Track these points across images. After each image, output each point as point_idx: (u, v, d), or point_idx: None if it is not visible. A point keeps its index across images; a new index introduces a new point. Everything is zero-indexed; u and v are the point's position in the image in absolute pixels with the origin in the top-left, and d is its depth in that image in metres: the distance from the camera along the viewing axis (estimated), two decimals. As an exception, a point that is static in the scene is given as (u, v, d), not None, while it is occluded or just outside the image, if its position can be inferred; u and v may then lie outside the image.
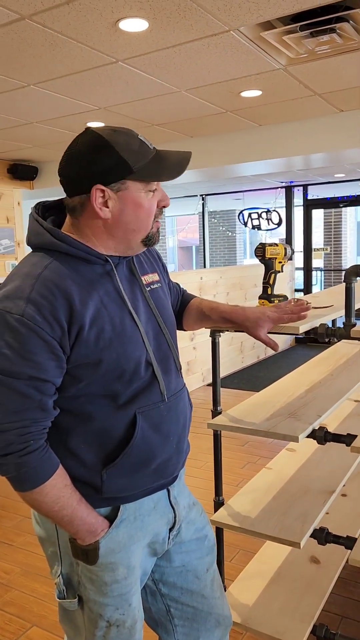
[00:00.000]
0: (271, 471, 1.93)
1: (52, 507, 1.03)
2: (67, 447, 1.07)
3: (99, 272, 1.07)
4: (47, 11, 2.27)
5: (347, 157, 4.77)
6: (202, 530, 1.29)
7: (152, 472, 1.12)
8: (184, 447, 1.20)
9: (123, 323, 1.06)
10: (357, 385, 1.83)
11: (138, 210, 1.05)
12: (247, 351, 6.38)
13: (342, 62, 3.05)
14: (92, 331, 1.01)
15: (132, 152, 1.02)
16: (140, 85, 3.33)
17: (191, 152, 1.11)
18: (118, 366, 1.05)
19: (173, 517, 1.21)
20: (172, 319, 1.23)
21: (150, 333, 1.12)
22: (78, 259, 1.05)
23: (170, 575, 1.25)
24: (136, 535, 1.13)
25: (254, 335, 1.34)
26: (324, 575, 1.87)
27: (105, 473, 1.07)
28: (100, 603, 1.11)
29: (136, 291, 1.13)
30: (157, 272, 1.24)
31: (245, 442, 3.82)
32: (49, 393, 1.01)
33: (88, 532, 1.07)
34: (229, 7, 2.29)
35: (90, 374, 1.03)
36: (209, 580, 1.28)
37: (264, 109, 4.01)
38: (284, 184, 7.67)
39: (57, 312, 0.98)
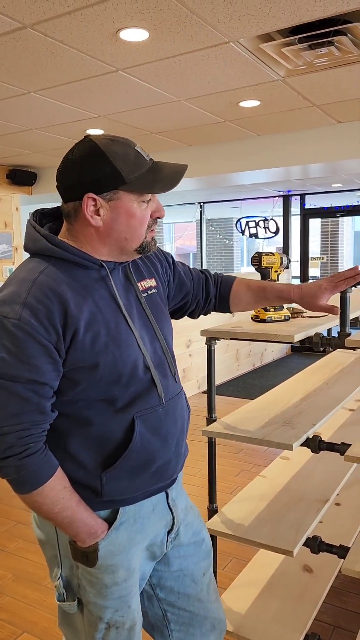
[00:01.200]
0: (265, 479, 1.93)
1: (52, 509, 1.04)
2: (66, 451, 1.08)
3: (94, 277, 1.09)
4: (49, 20, 2.29)
5: (345, 167, 4.81)
6: (199, 534, 1.30)
7: (151, 474, 1.13)
8: (182, 450, 1.21)
9: (118, 327, 1.07)
10: (351, 394, 1.84)
11: (130, 220, 1.06)
12: (243, 359, 6.39)
13: (340, 75, 3.09)
14: (87, 335, 1.03)
15: (127, 163, 1.03)
16: (140, 94, 3.36)
17: (187, 166, 1.12)
18: (115, 370, 1.06)
19: (171, 519, 1.22)
20: (168, 324, 1.24)
21: (145, 338, 1.14)
22: (73, 264, 1.07)
23: (168, 580, 1.26)
24: (136, 537, 1.14)
25: (313, 309, 1.33)
26: (316, 584, 1.87)
27: (105, 476, 1.08)
28: (100, 605, 1.11)
29: (131, 297, 1.15)
30: (154, 277, 1.25)
31: (239, 450, 3.82)
32: (47, 396, 1.02)
33: (88, 534, 1.08)
34: (228, 19, 2.32)
35: (87, 377, 1.04)
36: (205, 584, 1.29)
37: (263, 119, 4.05)
38: (282, 193, 7.72)
39: (52, 316, 0.99)
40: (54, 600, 2.23)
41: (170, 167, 1.09)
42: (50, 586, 2.32)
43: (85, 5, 2.17)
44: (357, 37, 2.56)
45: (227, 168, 4.88)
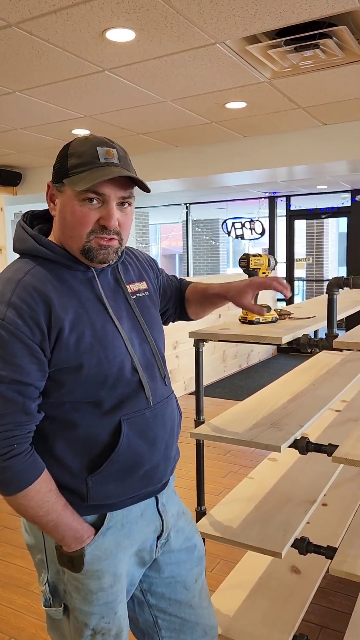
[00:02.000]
0: (253, 481, 1.93)
1: (37, 512, 1.03)
2: (52, 454, 1.07)
3: (81, 278, 1.09)
4: (34, 19, 2.27)
5: (330, 169, 4.85)
6: (191, 540, 1.29)
7: (139, 479, 1.12)
8: (172, 454, 1.20)
9: (104, 329, 1.07)
10: (338, 395, 1.85)
11: (70, 216, 1.05)
12: (230, 360, 6.40)
13: (325, 77, 3.11)
14: (72, 335, 1.02)
15: (79, 159, 1.04)
16: (126, 95, 3.35)
17: (134, 175, 1.07)
18: (100, 371, 1.05)
19: (160, 524, 1.21)
20: (159, 327, 1.24)
21: (134, 340, 1.13)
22: (60, 265, 1.07)
23: (159, 586, 1.25)
24: (123, 543, 1.13)
25: (238, 303, 1.32)
26: (304, 585, 1.87)
27: (91, 480, 1.07)
28: (85, 612, 1.10)
29: (119, 299, 1.14)
30: (145, 280, 1.24)
31: (226, 451, 3.83)
32: (32, 396, 1.01)
33: (74, 539, 1.06)
34: (215, 20, 2.32)
35: (72, 379, 1.04)
36: (197, 590, 1.28)
37: (249, 121, 4.06)
38: (267, 195, 7.75)
39: (37, 316, 0.99)
40: (41, 605, 2.21)
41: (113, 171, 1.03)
42: (38, 591, 2.30)
43: (71, 4, 2.15)
44: (343, 40, 2.58)
45: (213, 169, 4.89)
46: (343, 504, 2.19)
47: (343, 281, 1.51)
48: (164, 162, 5.08)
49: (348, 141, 4.25)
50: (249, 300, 1.31)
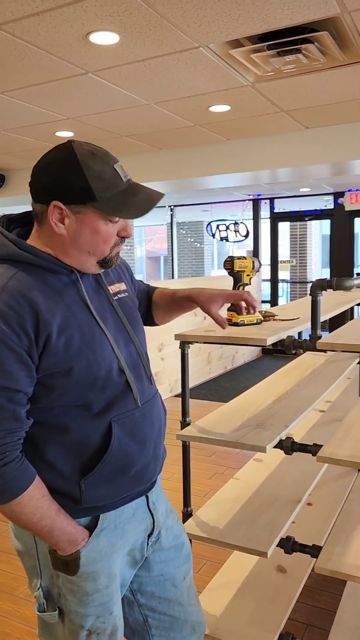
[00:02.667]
0: (239, 481, 1.94)
1: (31, 519, 1.02)
2: (43, 459, 1.06)
3: (65, 281, 1.08)
4: (17, 21, 2.27)
5: (312, 172, 4.91)
6: (179, 538, 1.31)
7: (130, 479, 1.13)
8: (160, 452, 1.21)
9: (92, 331, 1.07)
10: (322, 395, 1.87)
11: (95, 236, 1.05)
12: (215, 362, 6.42)
13: (307, 81, 3.15)
14: (60, 339, 1.02)
15: (101, 181, 1.02)
16: (110, 97, 3.35)
17: (163, 195, 1.10)
18: (89, 374, 1.05)
19: (151, 522, 1.22)
20: (141, 327, 1.25)
21: (120, 341, 1.13)
22: (44, 269, 1.06)
23: (149, 585, 1.26)
24: (117, 543, 1.14)
25: (205, 309, 1.34)
26: (290, 584, 1.89)
27: (84, 483, 1.07)
28: (81, 614, 1.10)
29: (103, 301, 1.14)
30: (124, 281, 1.25)
31: (212, 453, 3.84)
32: (21, 403, 1.01)
33: (68, 542, 1.06)
34: (198, 24, 2.34)
35: (62, 383, 1.03)
36: (185, 588, 1.30)
37: (232, 124, 4.09)
38: (251, 197, 7.81)
39: (24, 322, 0.98)
40: (27, 610, 2.19)
41: (145, 193, 1.07)
42: (23, 597, 2.28)
43: (54, 6, 2.15)
44: (324, 45, 2.62)
45: (197, 172, 4.91)
46: (328, 503, 2.22)
47: (326, 283, 1.53)
48: (148, 165, 5.08)
49: (330, 144, 4.30)
50: (217, 310, 1.34)
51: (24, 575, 2.41)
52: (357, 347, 1.48)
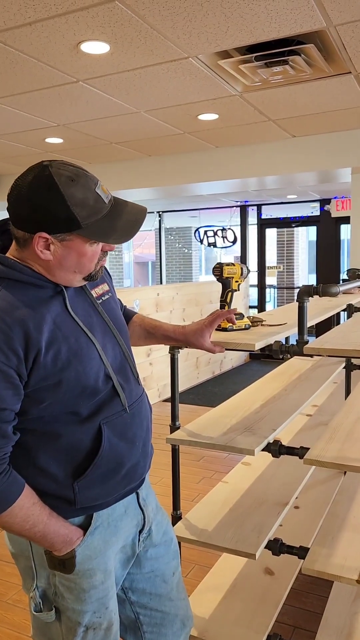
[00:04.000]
0: (227, 485, 1.97)
1: (24, 527, 1.04)
2: (36, 466, 1.08)
3: (50, 294, 1.08)
4: (9, 30, 2.29)
5: (299, 179, 4.98)
6: (168, 534, 1.34)
7: (122, 478, 1.15)
8: (149, 450, 1.24)
9: (78, 342, 1.07)
10: (309, 399, 1.91)
11: (81, 258, 1.06)
12: (203, 367, 6.45)
13: (294, 92, 3.21)
14: (49, 354, 1.02)
15: (85, 208, 1.01)
16: (101, 105, 3.38)
17: (146, 210, 1.11)
18: (78, 384, 1.06)
19: (142, 518, 1.25)
20: (125, 328, 1.26)
21: (107, 346, 1.15)
22: (27, 285, 1.06)
23: (140, 582, 1.28)
24: (110, 540, 1.16)
25: (198, 346, 1.42)
26: (278, 586, 1.91)
27: (77, 485, 1.09)
28: (79, 611, 1.12)
29: (88, 307, 1.15)
30: (105, 282, 1.26)
31: (200, 457, 3.86)
32: (7, 420, 1.01)
33: (63, 543, 1.08)
34: (188, 35, 2.38)
35: (51, 395, 1.04)
36: (175, 583, 1.33)
37: (221, 132, 4.14)
38: (239, 203, 7.88)
39: (12, 342, 0.98)
40: (15, 616, 2.19)
41: (129, 213, 1.07)
42: (12, 602, 2.28)
43: (46, 17, 2.18)
44: (310, 57, 2.68)
45: (185, 178, 4.96)
46: (315, 506, 2.25)
47: (313, 289, 1.57)
48: (137, 171, 5.12)
49: (316, 153, 4.38)
50: (208, 342, 1.41)
51: (11, 581, 2.41)
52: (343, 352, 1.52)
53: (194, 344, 1.41)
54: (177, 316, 5.87)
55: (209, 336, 1.42)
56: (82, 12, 2.15)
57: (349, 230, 4.85)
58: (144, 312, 5.19)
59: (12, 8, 2.10)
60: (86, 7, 2.11)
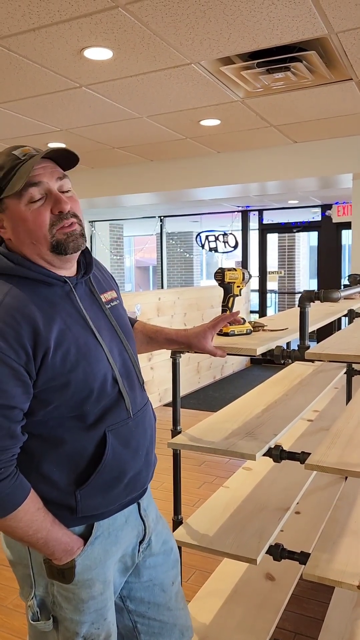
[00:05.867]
0: (228, 490, 1.97)
1: (27, 532, 1.03)
2: (39, 472, 1.07)
3: (59, 293, 1.08)
4: (13, 36, 2.31)
5: (300, 185, 4.99)
6: (168, 543, 1.32)
7: (124, 487, 1.14)
8: (152, 460, 1.23)
9: (87, 343, 1.07)
10: (310, 405, 1.91)
11: (23, 224, 1.04)
12: (204, 371, 6.45)
13: (296, 98, 3.22)
14: (57, 354, 1.02)
15: (1, 170, 1.03)
16: (103, 110, 3.40)
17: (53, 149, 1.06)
18: (86, 386, 1.06)
19: (143, 529, 1.23)
20: (131, 335, 1.26)
21: (114, 350, 1.15)
22: (37, 282, 1.06)
23: (138, 591, 1.27)
24: (111, 550, 1.15)
25: (200, 349, 1.41)
26: (278, 592, 1.91)
27: (79, 494, 1.08)
28: (76, 621, 1.11)
29: (97, 310, 1.15)
30: (114, 289, 1.26)
31: (201, 462, 3.85)
32: (17, 420, 1.01)
33: (64, 552, 1.07)
34: (190, 42, 2.40)
35: (58, 396, 1.04)
36: (174, 592, 1.31)
37: (223, 137, 4.16)
38: (240, 208, 7.90)
39: (21, 339, 0.98)
40: (15, 621, 2.19)
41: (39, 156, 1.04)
42: (12, 607, 2.27)
43: (49, 23, 2.20)
44: (312, 64, 2.69)
45: (187, 183, 4.98)
46: (315, 511, 2.25)
47: (314, 295, 1.57)
48: (139, 176, 5.14)
49: (317, 158, 4.39)
50: (210, 345, 1.41)
51: (11, 585, 2.40)
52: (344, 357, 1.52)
53: (196, 346, 1.41)
54: (179, 320, 5.88)
55: (211, 339, 1.41)
56: (86, 18, 2.17)
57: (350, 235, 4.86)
58: (145, 316, 5.20)
59: (16, 14, 2.12)
60: (90, 13, 2.13)
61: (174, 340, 1.42)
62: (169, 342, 1.42)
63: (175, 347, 1.45)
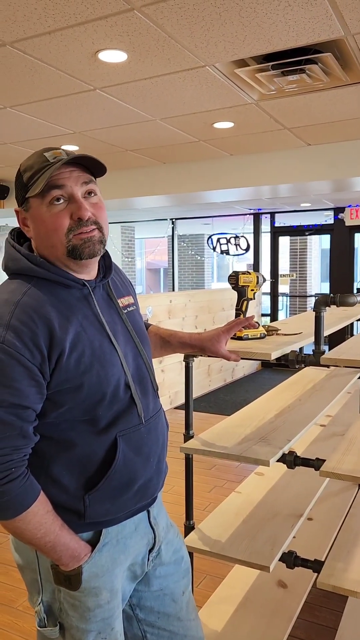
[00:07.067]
0: (240, 495, 1.95)
1: (35, 535, 1.02)
2: (48, 475, 1.06)
3: (77, 296, 1.08)
4: (29, 39, 2.32)
5: (313, 188, 4.96)
6: (179, 552, 1.30)
7: (133, 494, 1.13)
8: (163, 467, 1.21)
9: (102, 347, 1.07)
10: (324, 410, 1.88)
11: (42, 226, 1.05)
12: (215, 374, 6.43)
13: (310, 100, 3.20)
14: (72, 356, 1.02)
15: (31, 171, 1.05)
16: (117, 113, 3.40)
17: (82, 156, 1.05)
18: (99, 389, 1.05)
19: (153, 537, 1.22)
20: (147, 340, 1.25)
21: (129, 355, 1.14)
22: (56, 284, 1.06)
23: (148, 600, 1.25)
24: (119, 558, 1.13)
25: (213, 352, 1.40)
26: (291, 599, 1.89)
27: (88, 498, 1.07)
28: (83, 629, 1.09)
29: (113, 314, 1.15)
30: (131, 295, 1.26)
31: (212, 466, 3.83)
32: (29, 420, 1.01)
33: (71, 558, 1.06)
34: (205, 44, 2.39)
35: (71, 398, 1.04)
36: (184, 603, 1.29)
37: (236, 140, 4.15)
38: (252, 211, 7.87)
39: (37, 338, 0.98)
40: (25, 624, 2.18)
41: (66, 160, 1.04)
42: (22, 609, 2.27)
43: (65, 26, 2.20)
44: (328, 66, 2.67)
45: (199, 186, 4.97)
46: (328, 518, 2.22)
47: (330, 299, 1.55)
48: (151, 179, 5.14)
49: (331, 161, 4.36)
50: (224, 349, 1.40)
51: (22, 587, 2.40)
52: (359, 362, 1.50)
53: (210, 349, 1.40)
54: (190, 323, 5.87)
55: (225, 343, 1.41)
56: (101, 21, 2.17)
57: (364, 239, 4.81)
58: (156, 318, 5.19)
59: (32, 17, 2.13)
60: (105, 16, 2.13)
61: (187, 344, 1.41)
62: (183, 345, 1.41)
63: (189, 350, 1.43)
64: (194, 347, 1.41)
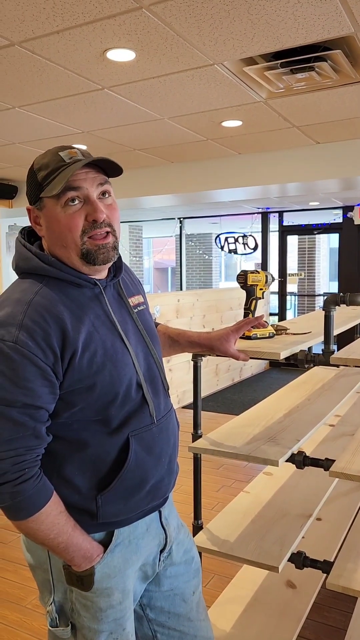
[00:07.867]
0: (249, 495, 1.94)
1: (48, 535, 1.02)
2: (61, 475, 1.06)
3: (89, 295, 1.08)
4: (37, 39, 2.32)
5: (322, 186, 4.93)
6: (189, 552, 1.30)
7: (145, 494, 1.12)
8: (174, 467, 1.21)
9: (114, 346, 1.07)
10: (333, 410, 1.87)
11: (56, 226, 1.04)
12: (222, 374, 6.42)
13: (319, 98, 3.18)
14: (85, 356, 1.01)
15: (46, 170, 1.04)
16: (125, 112, 3.40)
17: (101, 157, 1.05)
18: (111, 389, 1.05)
19: (164, 538, 1.21)
20: (157, 340, 1.25)
21: (140, 355, 1.14)
22: (67, 283, 1.06)
23: (159, 600, 1.25)
24: (131, 559, 1.13)
25: (222, 352, 1.40)
26: (299, 600, 1.88)
27: (101, 499, 1.07)
28: (94, 630, 1.09)
29: (124, 313, 1.14)
30: (141, 294, 1.26)
31: (220, 465, 3.83)
32: (42, 420, 1.01)
33: (84, 558, 1.06)
34: (214, 42, 2.38)
35: (84, 398, 1.03)
36: (195, 603, 1.29)
37: (244, 139, 4.13)
38: (260, 210, 7.84)
39: (49, 338, 0.98)
40: (34, 622, 2.19)
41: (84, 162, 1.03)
42: (31, 607, 2.28)
43: (73, 25, 2.20)
44: (337, 63, 2.65)
45: (207, 185, 4.96)
46: (337, 518, 2.21)
47: (340, 298, 1.54)
48: (159, 178, 5.14)
49: (340, 160, 4.33)
50: (233, 349, 1.40)
51: (31, 585, 2.41)
52: (370, 362, 1.48)
53: (219, 349, 1.39)
54: (197, 322, 5.86)
55: (234, 342, 1.40)
56: (109, 20, 2.16)
57: (373, 237, 4.78)
58: (164, 318, 5.19)
59: (40, 17, 2.13)
60: (113, 15, 2.13)
61: (196, 343, 1.40)
62: (192, 345, 1.41)
63: (198, 350, 1.43)
64: (202, 347, 1.41)
